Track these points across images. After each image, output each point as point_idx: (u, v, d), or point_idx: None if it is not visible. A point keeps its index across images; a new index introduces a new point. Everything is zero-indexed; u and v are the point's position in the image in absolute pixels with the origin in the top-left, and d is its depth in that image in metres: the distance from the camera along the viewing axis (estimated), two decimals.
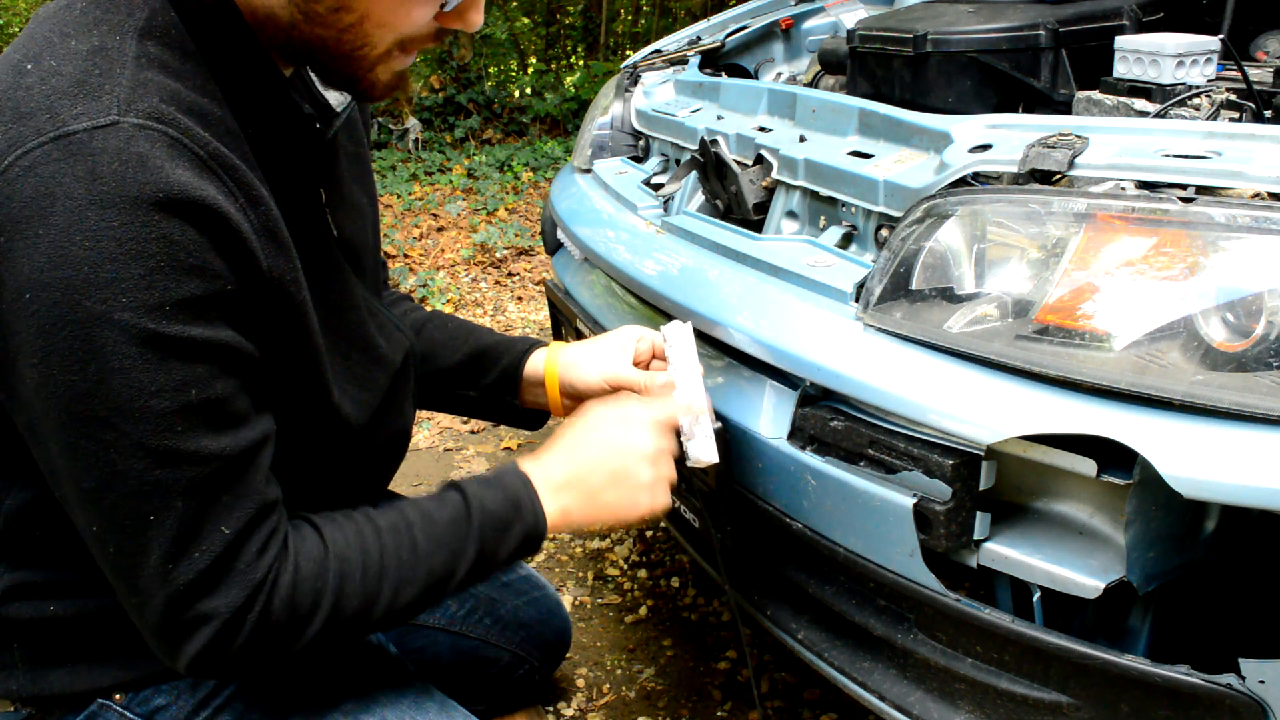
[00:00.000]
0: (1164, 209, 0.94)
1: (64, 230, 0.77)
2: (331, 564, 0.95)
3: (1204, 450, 0.84)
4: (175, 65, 0.86)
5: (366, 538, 0.99)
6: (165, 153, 0.80)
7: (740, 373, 1.30)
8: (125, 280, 0.78)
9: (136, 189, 0.78)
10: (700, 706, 1.78)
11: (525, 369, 1.36)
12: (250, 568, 0.90)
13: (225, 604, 0.89)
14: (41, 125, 0.79)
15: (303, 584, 0.93)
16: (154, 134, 0.80)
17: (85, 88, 0.81)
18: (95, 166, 0.78)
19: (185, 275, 0.81)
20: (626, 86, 2.04)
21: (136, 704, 1.05)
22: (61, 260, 0.77)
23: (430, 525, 1.02)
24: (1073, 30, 1.50)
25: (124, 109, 0.80)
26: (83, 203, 0.77)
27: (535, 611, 1.56)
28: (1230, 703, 0.88)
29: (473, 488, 1.06)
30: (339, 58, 0.92)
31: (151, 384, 0.81)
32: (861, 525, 1.11)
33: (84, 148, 0.78)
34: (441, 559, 1.01)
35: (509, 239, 4.61)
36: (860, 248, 1.29)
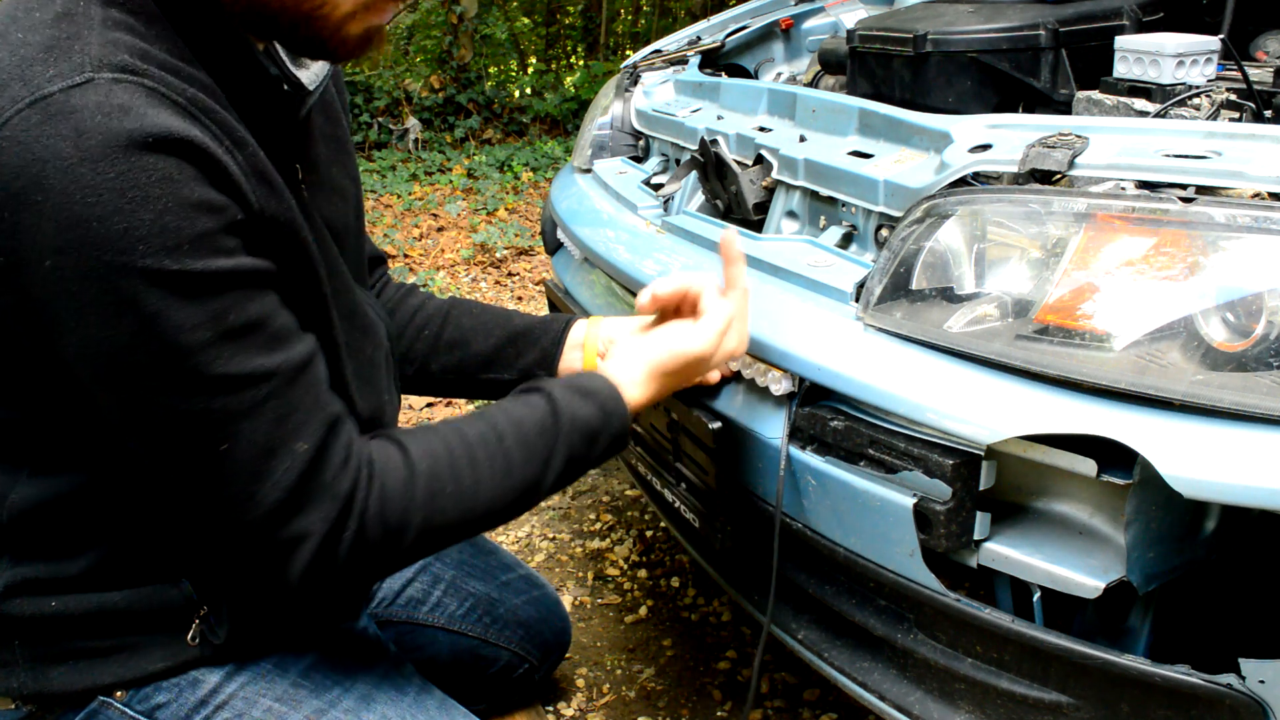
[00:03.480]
0: (1164, 209, 0.94)
1: (63, 192, 0.77)
2: (420, 480, 0.97)
3: (1204, 450, 0.84)
4: (141, 29, 0.86)
5: (455, 450, 1.00)
6: (144, 100, 0.80)
7: None
8: (138, 227, 0.78)
9: (125, 136, 0.78)
10: (700, 706, 1.78)
11: (565, 344, 1.37)
12: (336, 480, 0.91)
13: (320, 519, 0.90)
14: (16, 93, 0.79)
15: (390, 501, 0.94)
16: (130, 85, 0.80)
17: (55, 51, 0.81)
18: (79, 124, 0.77)
19: (194, 211, 0.81)
20: (626, 86, 2.04)
21: (137, 701, 1.05)
22: (69, 222, 0.78)
23: (521, 434, 1.03)
24: (1073, 30, 1.50)
25: (97, 66, 0.80)
26: (74, 161, 0.77)
27: (534, 611, 1.57)
28: (1230, 703, 0.88)
29: (562, 396, 1.08)
30: (300, 19, 0.91)
31: (188, 320, 0.82)
32: (861, 525, 1.11)
33: (63, 107, 0.78)
34: (534, 467, 1.03)
35: (509, 239, 4.61)
36: (860, 248, 1.29)
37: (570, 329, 1.38)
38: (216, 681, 1.08)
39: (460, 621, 1.50)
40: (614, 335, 1.35)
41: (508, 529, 2.40)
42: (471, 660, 1.49)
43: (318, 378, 0.93)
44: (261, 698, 1.08)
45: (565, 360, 1.37)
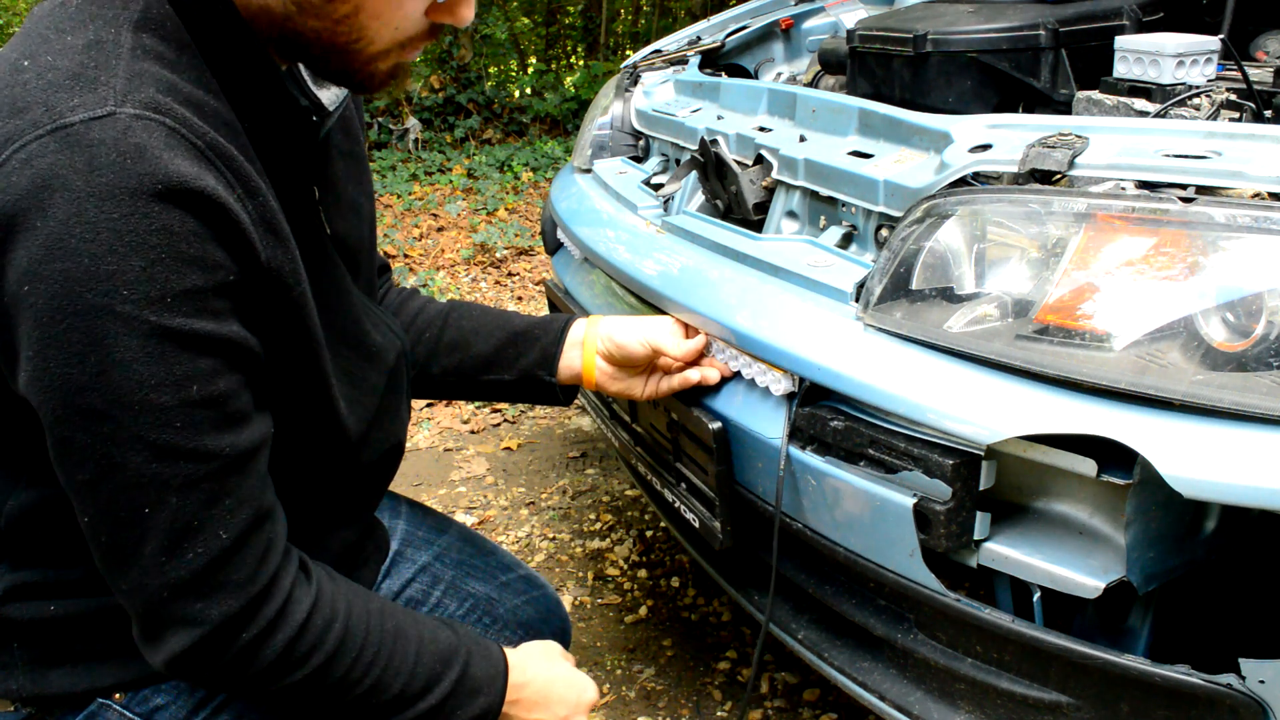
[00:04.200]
0: (1164, 209, 0.94)
1: (63, 222, 0.77)
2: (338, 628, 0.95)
3: (1204, 450, 0.84)
4: (171, 57, 0.86)
5: (372, 624, 0.99)
6: (163, 142, 0.80)
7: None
8: (126, 272, 0.78)
9: (135, 180, 0.78)
10: (700, 706, 1.78)
11: (565, 342, 1.37)
12: (248, 580, 0.89)
13: (217, 611, 0.88)
14: (39, 118, 0.79)
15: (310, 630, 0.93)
16: (151, 124, 0.80)
17: (81, 80, 0.81)
18: (93, 158, 0.77)
19: (186, 266, 0.80)
20: (626, 86, 2.04)
21: (136, 703, 1.05)
22: (61, 252, 0.77)
23: (424, 647, 1.03)
24: (1073, 30, 1.50)
25: (120, 100, 0.80)
26: (81, 194, 0.77)
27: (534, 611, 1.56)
28: (1230, 703, 0.88)
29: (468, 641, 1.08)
30: (334, 51, 0.92)
31: (152, 377, 0.81)
32: (861, 525, 1.11)
33: (81, 139, 0.78)
34: (419, 682, 1.02)
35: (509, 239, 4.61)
36: (860, 248, 1.29)
37: (570, 328, 1.38)
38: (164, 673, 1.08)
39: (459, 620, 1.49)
40: (613, 334, 1.35)
41: (508, 529, 2.40)
42: None
43: (257, 469, 0.91)
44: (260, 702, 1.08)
45: (565, 359, 1.37)
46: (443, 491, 2.57)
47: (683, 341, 1.32)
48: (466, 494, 2.56)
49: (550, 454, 2.76)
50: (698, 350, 1.31)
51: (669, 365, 1.34)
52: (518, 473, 2.66)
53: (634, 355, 1.33)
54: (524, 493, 2.56)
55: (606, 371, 1.37)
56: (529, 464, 2.71)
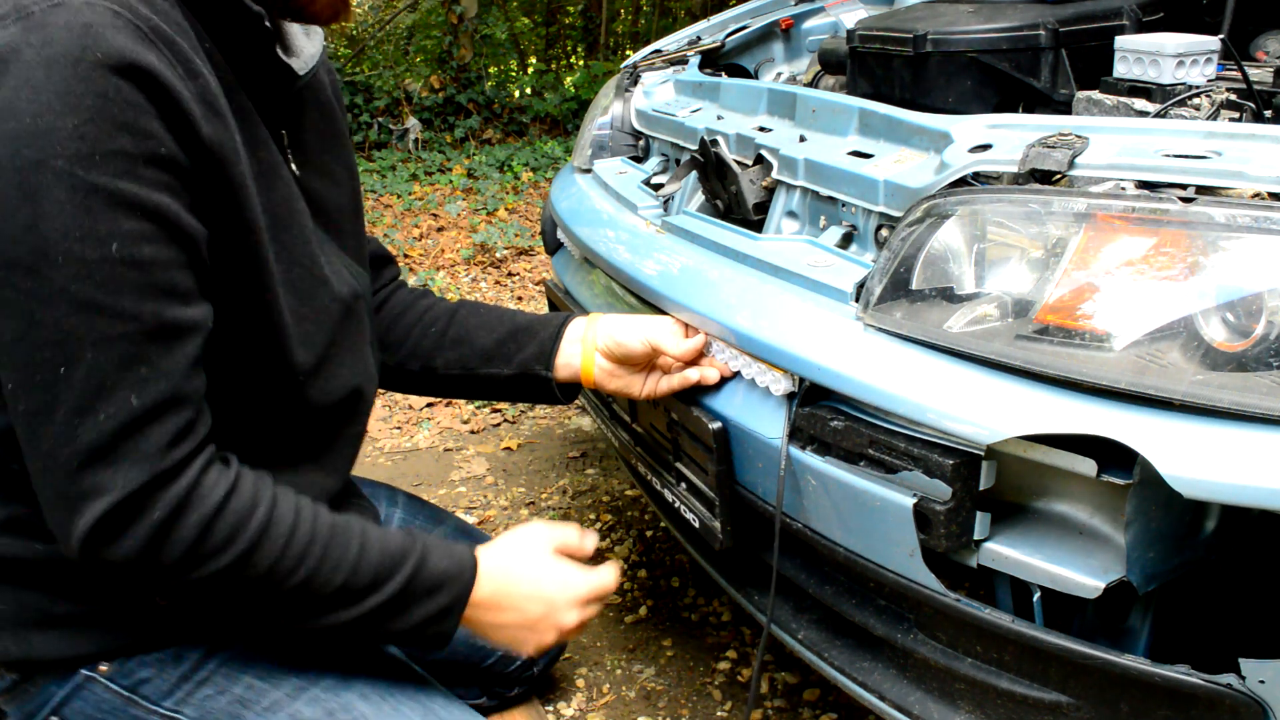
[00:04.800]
0: (1164, 209, 0.94)
1: (14, 88, 0.84)
2: (260, 514, 0.96)
3: (1204, 450, 0.84)
4: None
5: (304, 515, 1.00)
6: (109, 22, 0.87)
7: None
8: (60, 130, 0.84)
9: (79, 50, 0.85)
10: (700, 706, 1.78)
11: (563, 338, 1.37)
12: (157, 453, 0.91)
13: (122, 480, 0.89)
14: (6, 11, 0.88)
15: (229, 511, 0.94)
16: (99, 8, 0.87)
17: None
18: (47, 34, 0.85)
19: (118, 130, 0.86)
20: (626, 86, 2.04)
21: (121, 676, 1.07)
22: (9, 113, 0.84)
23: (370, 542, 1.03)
24: (1073, 30, 1.50)
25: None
26: (33, 64, 0.85)
27: None
28: (1230, 703, 0.88)
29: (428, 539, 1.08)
30: None
31: (77, 229, 0.86)
32: (861, 525, 1.11)
33: (39, 21, 0.86)
34: (364, 575, 1.02)
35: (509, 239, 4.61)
36: (860, 248, 1.29)
37: (569, 325, 1.39)
38: (198, 658, 1.09)
39: None
40: (612, 331, 1.36)
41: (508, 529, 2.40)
42: (467, 651, 1.49)
43: (183, 350, 0.93)
44: (243, 674, 1.09)
45: (563, 355, 1.37)
46: (443, 491, 2.58)
47: (682, 341, 1.32)
48: (466, 494, 2.56)
49: (550, 454, 2.76)
50: (697, 349, 1.31)
51: (668, 365, 1.34)
52: (518, 473, 2.66)
53: (633, 353, 1.34)
54: (524, 493, 2.56)
55: (605, 369, 1.37)
56: (529, 464, 2.71)
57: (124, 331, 0.89)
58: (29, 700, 1.07)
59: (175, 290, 0.92)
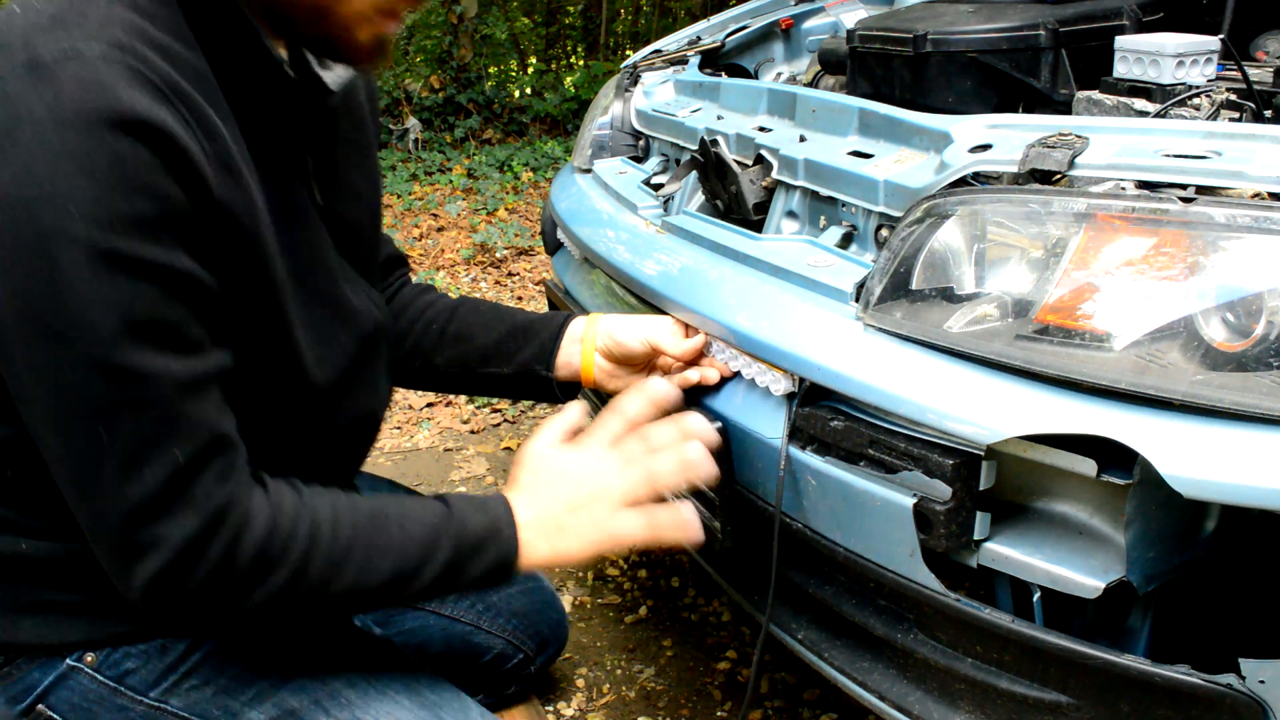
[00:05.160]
0: (1164, 209, 0.94)
1: (28, 149, 0.83)
2: (303, 526, 0.97)
3: (1204, 450, 0.84)
4: (148, 9, 0.91)
5: (342, 512, 1.01)
6: (123, 78, 0.85)
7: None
8: (77, 196, 0.83)
9: (92, 109, 0.83)
10: (700, 706, 1.78)
11: (563, 338, 1.38)
12: (206, 497, 0.91)
13: (178, 530, 0.90)
14: (16, 56, 0.85)
15: (279, 531, 0.95)
16: (114, 63, 0.85)
17: (59, 22, 0.86)
18: (59, 90, 0.83)
19: (134, 193, 0.84)
20: (626, 86, 2.04)
21: (107, 667, 1.07)
22: (25, 178, 0.83)
23: (408, 521, 1.04)
24: (1073, 30, 1.50)
25: (88, 39, 0.85)
26: (45, 123, 0.83)
27: (528, 601, 1.57)
28: (1230, 703, 0.88)
29: (458, 502, 1.09)
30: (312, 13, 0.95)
31: (99, 297, 0.85)
32: (861, 525, 1.11)
33: (50, 74, 0.84)
34: (412, 556, 1.03)
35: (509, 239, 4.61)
36: (860, 248, 1.29)
37: (569, 325, 1.39)
38: (184, 649, 1.10)
39: (452, 606, 1.50)
40: (612, 331, 1.36)
41: None
42: (464, 647, 1.49)
43: (213, 395, 0.93)
44: (229, 664, 1.10)
45: (563, 355, 1.37)
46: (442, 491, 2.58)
47: (682, 341, 1.32)
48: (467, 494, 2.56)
49: None
50: (697, 350, 1.31)
51: (668, 365, 1.34)
52: None
53: (633, 353, 1.34)
54: None
55: (605, 369, 1.37)
56: None
57: (157, 392, 0.88)
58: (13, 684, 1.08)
59: (200, 343, 0.92)
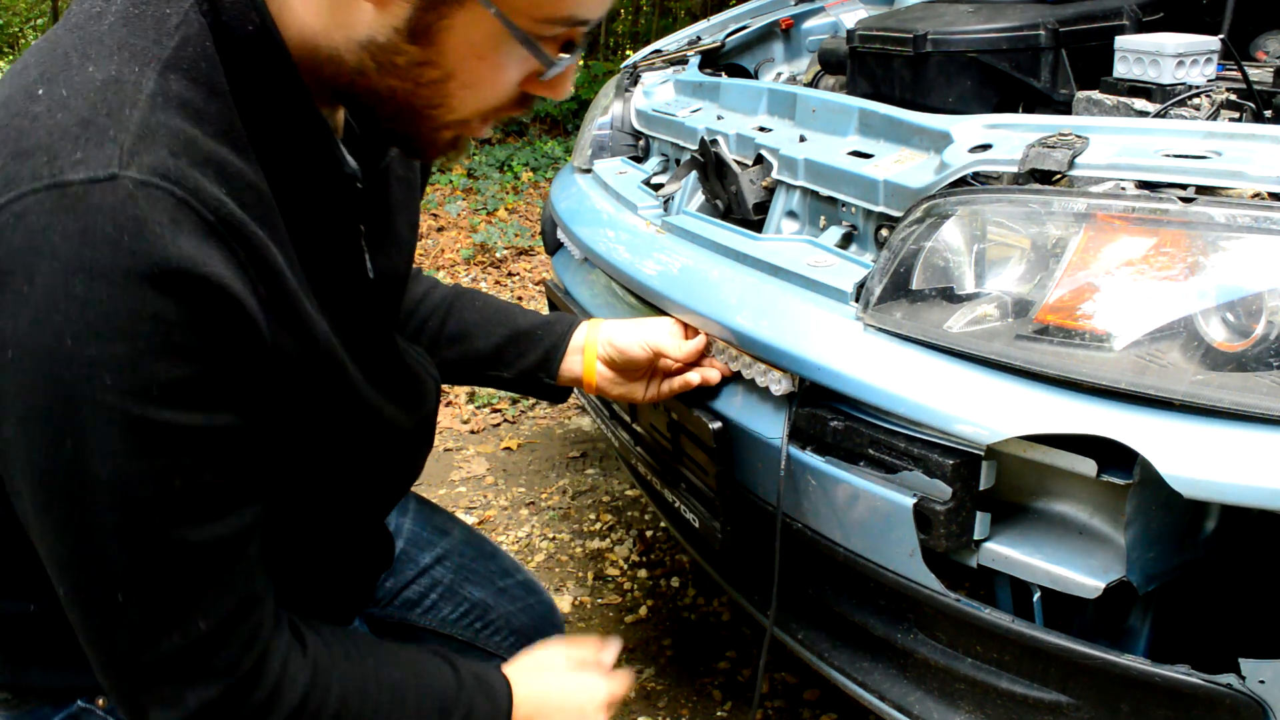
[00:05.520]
0: (1164, 209, 0.94)
1: (48, 294, 0.70)
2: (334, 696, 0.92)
3: (1204, 450, 0.84)
4: (198, 104, 0.77)
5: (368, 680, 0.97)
6: (168, 216, 0.72)
7: None
8: (109, 359, 0.71)
9: (129, 259, 0.70)
10: (700, 706, 1.78)
11: (566, 347, 1.36)
12: (229, 666, 0.84)
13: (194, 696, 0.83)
14: (38, 169, 0.72)
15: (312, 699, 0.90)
16: (156, 192, 0.72)
17: (90, 129, 0.73)
18: (88, 226, 0.70)
19: (176, 356, 0.73)
20: (626, 86, 2.04)
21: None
22: (44, 326, 0.71)
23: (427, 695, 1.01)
24: (1073, 30, 1.50)
25: (126, 160, 0.72)
26: (71, 266, 0.70)
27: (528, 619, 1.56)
28: (1230, 703, 0.88)
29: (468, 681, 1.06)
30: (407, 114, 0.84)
31: (132, 470, 0.75)
32: (861, 525, 1.11)
33: (78, 202, 0.70)
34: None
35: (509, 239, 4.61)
36: (860, 248, 1.29)
37: (571, 334, 1.38)
38: None
39: (452, 626, 1.50)
40: (613, 338, 1.35)
41: (508, 529, 2.40)
42: None
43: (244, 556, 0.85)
44: None
45: (566, 364, 1.37)
46: (442, 491, 2.57)
47: (683, 343, 1.32)
48: (466, 494, 2.56)
49: (550, 454, 2.76)
50: (698, 351, 1.31)
51: (669, 366, 1.34)
52: (518, 473, 2.66)
53: (635, 359, 1.33)
54: (524, 493, 2.55)
55: (607, 376, 1.37)
56: (529, 464, 2.71)
57: (187, 562, 0.80)
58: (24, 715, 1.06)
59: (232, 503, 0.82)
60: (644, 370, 1.36)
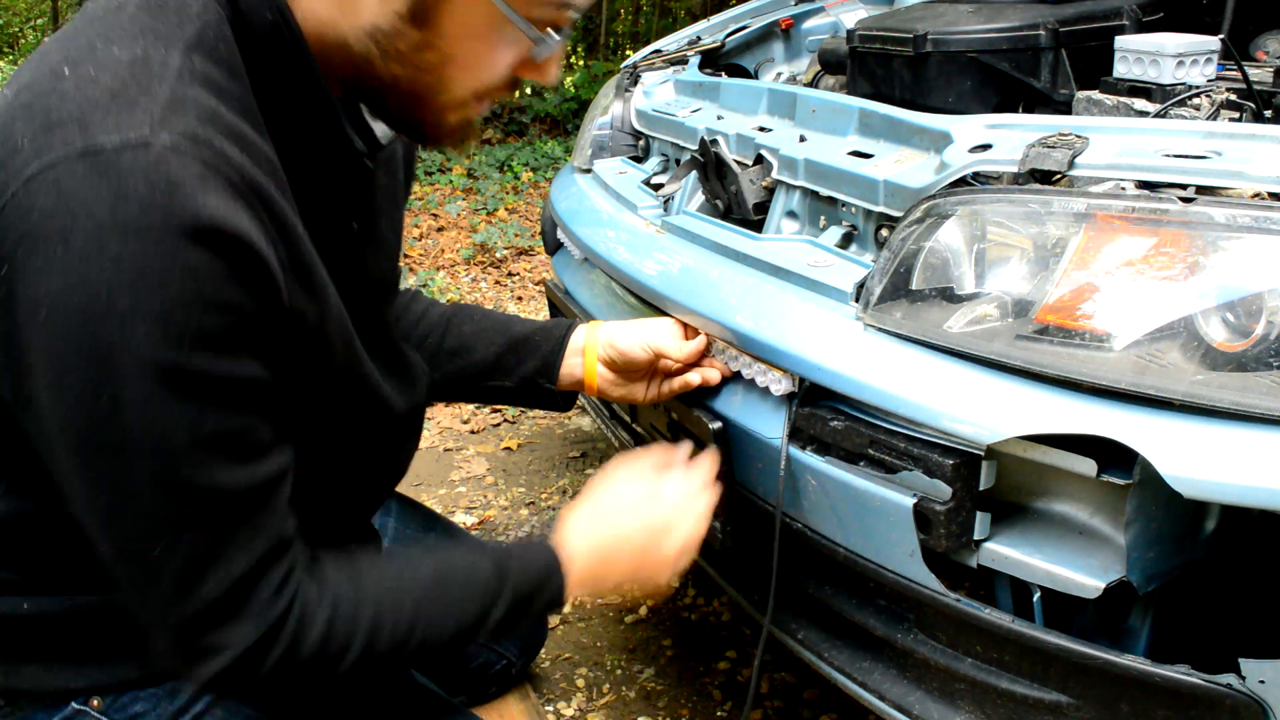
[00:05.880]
0: (1164, 209, 0.94)
1: (83, 253, 0.74)
2: (363, 616, 0.95)
3: (1204, 450, 0.84)
4: (220, 83, 0.82)
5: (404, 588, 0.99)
6: (197, 177, 0.75)
7: None
8: (144, 311, 0.75)
9: (162, 216, 0.74)
10: (700, 706, 1.78)
11: (565, 350, 1.37)
12: (266, 606, 0.88)
13: (239, 637, 0.87)
14: (70, 137, 0.75)
15: (336, 630, 0.92)
16: (186, 156, 0.75)
17: (120, 100, 0.76)
18: (121, 188, 0.73)
19: (207, 309, 0.77)
20: (626, 86, 2.04)
21: (115, 710, 1.03)
22: (79, 284, 0.74)
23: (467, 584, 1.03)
24: (1073, 30, 1.50)
25: (157, 126, 0.75)
26: (105, 226, 0.73)
27: None
28: (1230, 703, 0.88)
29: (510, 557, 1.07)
30: (409, 97, 0.89)
31: (167, 418, 0.78)
32: (861, 525, 1.11)
33: (111, 166, 0.74)
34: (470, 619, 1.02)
35: (509, 239, 4.61)
36: (860, 248, 1.29)
37: (570, 336, 1.38)
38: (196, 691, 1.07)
39: None
40: (613, 339, 1.35)
41: (508, 529, 2.40)
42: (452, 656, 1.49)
43: (276, 499, 0.89)
44: (242, 706, 1.07)
45: (566, 366, 1.37)
46: (443, 491, 2.57)
47: (683, 344, 1.32)
48: (466, 494, 2.56)
49: (550, 454, 2.76)
50: (699, 352, 1.31)
51: (669, 367, 1.34)
52: (518, 473, 2.66)
53: (636, 360, 1.33)
54: (524, 493, 2.55)
55: (608, 378, 1.37)
56: (529, 464, 2.70)
57: (221, 506, 0.84)
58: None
59: (262, 450, 0.86)
60: (644, 371, 1.36)
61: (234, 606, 0.86)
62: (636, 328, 1.35)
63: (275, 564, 0.89)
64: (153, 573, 0.84)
